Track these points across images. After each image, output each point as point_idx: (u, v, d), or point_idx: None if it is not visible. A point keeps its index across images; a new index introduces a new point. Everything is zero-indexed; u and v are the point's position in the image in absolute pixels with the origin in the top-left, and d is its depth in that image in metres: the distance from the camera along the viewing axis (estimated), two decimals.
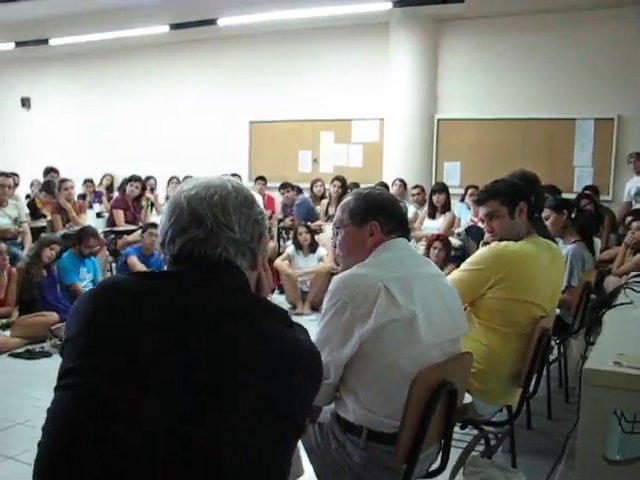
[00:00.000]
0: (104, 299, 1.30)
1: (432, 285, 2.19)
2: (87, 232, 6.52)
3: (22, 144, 12.96)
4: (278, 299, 7.60)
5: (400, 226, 2.27)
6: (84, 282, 6.43)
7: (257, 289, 1.47)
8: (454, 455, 2.85)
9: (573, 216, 4.84)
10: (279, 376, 1.26)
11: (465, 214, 8.35)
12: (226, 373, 1.21)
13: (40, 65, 12.57)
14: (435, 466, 2.30)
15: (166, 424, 1.15)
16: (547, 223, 4.43)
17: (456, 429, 2.89)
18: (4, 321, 5.44)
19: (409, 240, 2.35)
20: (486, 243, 3.15)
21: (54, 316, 5.66)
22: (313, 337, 1.72)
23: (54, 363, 4.98)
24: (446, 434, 2.23)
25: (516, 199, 2.97)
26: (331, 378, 2.07)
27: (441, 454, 2.27)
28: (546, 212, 4.45)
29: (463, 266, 2.92)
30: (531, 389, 2.97)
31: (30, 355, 5.29)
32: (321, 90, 10.19)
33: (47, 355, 5.32)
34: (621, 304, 3.22)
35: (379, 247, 2.19)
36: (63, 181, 7.85)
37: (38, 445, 1.23)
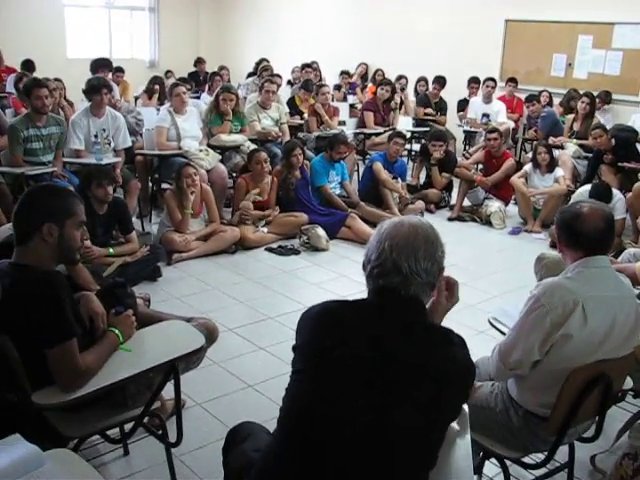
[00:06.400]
0: (324, 323, 1.86)
1: (619, 309, 2.44)
2: (338, 139, 7.22)
3: (285, 28, 13.88)
4: (512, 211, 7.87)
5: (589, 245, 2.49)
6: (332, 184, 7.21)
7: (435, 301, 2.02)
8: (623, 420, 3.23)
9: None
10: (446, 385, 1.77)
11: None
12: (411, 379, 1.75)
13: None
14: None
15: (367, 406, 1.71)
16: None
17: (629, 398, 3.25)
18: (264, 220, 6.37)
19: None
20: None
21: (304, 217, 6.46)
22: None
23: (302, 262, 5.90)
24: (601, 413, 2.62)
25: None
26: (519, 370, 2.50)
27: (595, 427, 2.67)
28: None
29: None
30: None
31: (282, 250, 6.13)
32: None
33: (296, 253, 6.13)
34: None
35: (581, 261, 2.49)
36: (320, 86, 8.57)
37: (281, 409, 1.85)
